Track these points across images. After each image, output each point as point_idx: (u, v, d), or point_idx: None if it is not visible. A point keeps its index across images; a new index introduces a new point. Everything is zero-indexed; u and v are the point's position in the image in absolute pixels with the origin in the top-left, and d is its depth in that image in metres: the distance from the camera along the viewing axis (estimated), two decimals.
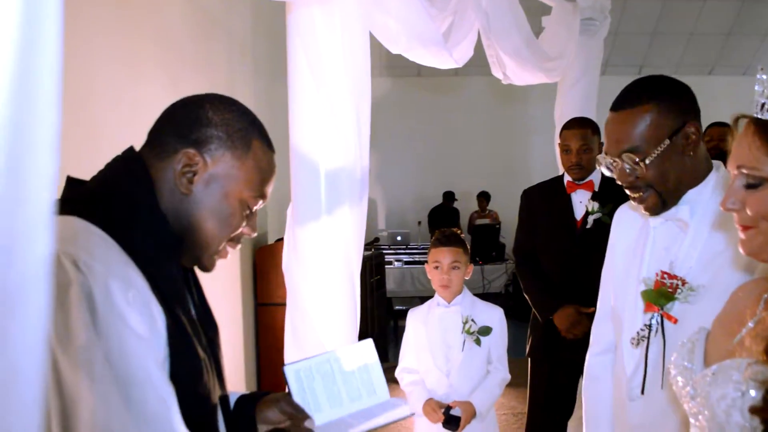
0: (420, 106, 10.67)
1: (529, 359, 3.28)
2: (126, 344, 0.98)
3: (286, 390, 1.48)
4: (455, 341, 2.62)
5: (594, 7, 3.92)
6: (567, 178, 3.11)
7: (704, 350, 1.22)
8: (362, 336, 2.01)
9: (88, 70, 2.48)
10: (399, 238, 8.70)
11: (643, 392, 1.61)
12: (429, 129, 10.78)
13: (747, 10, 9.53)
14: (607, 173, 1.65)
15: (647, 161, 1.54)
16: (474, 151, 10.65)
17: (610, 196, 2.81)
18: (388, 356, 6.00)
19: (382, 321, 6.09)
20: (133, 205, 1.14)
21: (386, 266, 7.85)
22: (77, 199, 1.12)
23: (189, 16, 3.71)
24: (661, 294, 1.55)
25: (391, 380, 2.71)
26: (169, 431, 1.00)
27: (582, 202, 3.03)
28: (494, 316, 2.69)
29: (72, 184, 1.17)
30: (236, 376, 4.04)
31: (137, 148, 1.23)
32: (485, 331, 2.61)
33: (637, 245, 1.71)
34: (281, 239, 2.66)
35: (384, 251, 8.19)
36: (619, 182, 1.64)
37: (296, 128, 2.36)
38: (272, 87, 4.99)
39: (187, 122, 1.18)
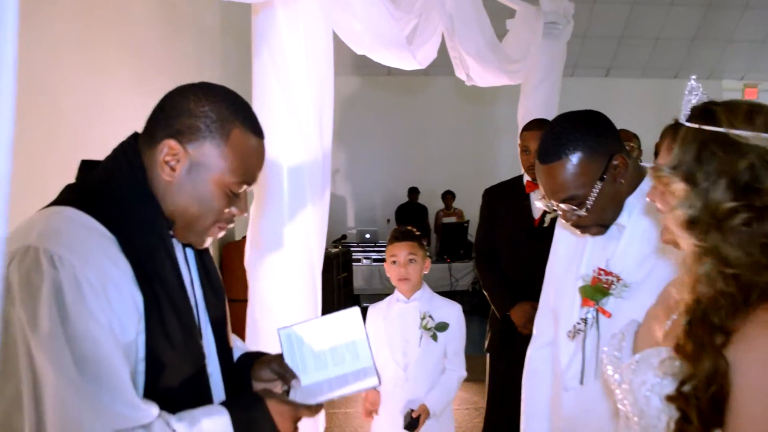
0: (390, 105, 10.75)
1: (488, 354, 3.36)
2: (87, 330, 1.09)
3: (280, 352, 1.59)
4: (413, 336, 2.68)
5: (557, 11, 4.01)
6: (526, 178, 3.19)
7: (633, 341, 1.30)
8: None
9: (51, 65, 2.49)
10: (368, 235, 8.77)
11: (582, 382, 1.69)
12: (399, 128, 10.86)
13: (711, 16, 9.76)
14: (552, 211, 1.72)
15: (587, 205, 1.61)
16: (442, 149, 10.76)
17: None
18: None
19: None
20: (127, 191, 1.26)
21: (354, 264, 7.92)
22: (78, 186, 1.30)
23: (156, 13, 3.72)
24: (597, 290, 1.63)
25: None
26: (126, 402, 1.11)
27: None
28: (452, 312, 2.75)
29: (84, 167, 1.34)
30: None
31: (117, 142, 1.35)
32: (442, 326, 2.67)
33: (578, 243, 1.80)
34: None
35: (352, 249, 8.24)
36: (562, 220, 1.72)
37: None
38: (242, 85, 4.97)
39: (172, 113, 1.29)
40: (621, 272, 1.64)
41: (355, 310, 1.62)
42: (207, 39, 4.75)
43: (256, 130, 1.36)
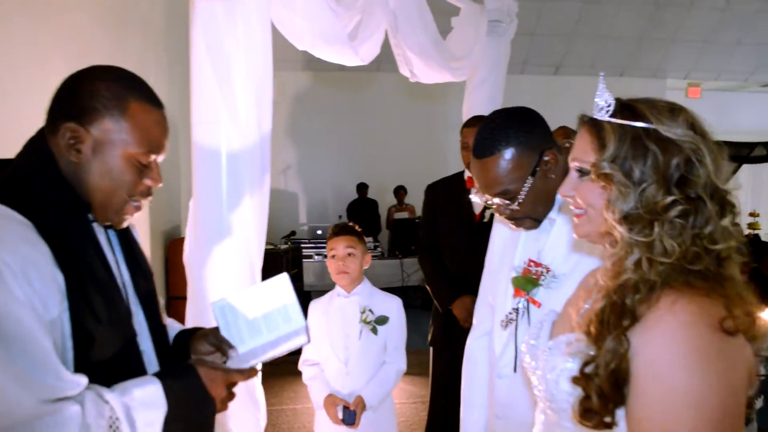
0: (341, 100, 10.71)
1: (431, 348, 3.41)
2: (9, 309, 1.12)
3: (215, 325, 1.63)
4: (353, 330, 2.70)
5: (501, 10, 4.06)
6: (467, 173, 3.24)
7: (551, 329, 1.34)
8: None
9: None
10: (319, 231, 8.74)
11: (516, 370, 1.74)
12: (350, 123, 10.84)
13: (657, 16, 10.00)
14: (486, 205, 1.78)
15: (519, 199, 1.67)
16: (394, 145, 10.78)
17: None
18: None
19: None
20: (38, 179, 1.30)
21: (306, 260, 7.89)
22: None
23: (99, 6, 3.65)
24: (528, 280, 1.69)
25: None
26: (51, 373, 1.14)
27: None
28: (392, 306, 2.78)
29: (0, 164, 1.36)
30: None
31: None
32: (382, 320, 2.70)
33: (513, 236, 1.85)
34: None
35: (304, 245, 8.21)
36: (496, 213, 1.76)
37: (199, 123, 2.38)
38: (188, 80, 4.93)
39: (68, 98, 1.34)
40: (551, 264, 1.69)
41: (284, 276, 1.66)
42: (152, 34, 4.68)
43: (153, 101, 1.41)
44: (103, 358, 1.30)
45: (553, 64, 10.85)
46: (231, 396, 1.46)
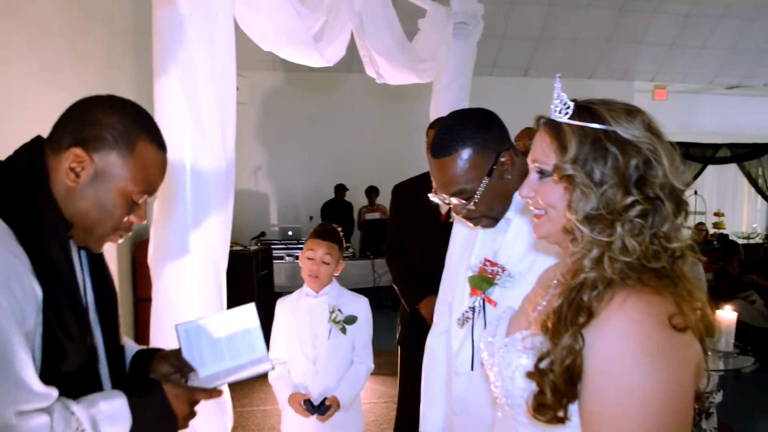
0: (313, 101, 10.68)
1: (399, 347, 3.43)
2: None
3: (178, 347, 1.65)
4: (322, 330, 2.72)
5: (467, 12, 4.10)
6: None
7: (508, 326, 1.37)
8: None
9: None
10: (290, 233, 8.73)
11: (473, 368, 1.76)
12: (322, 124, 10.81)
13: (623, 19, 10.16)
14: (444, 204, 1.79)
15: (475, 199, 1.69)
16: (366, 146, 10.79)
17: None
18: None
19: (270, 315, 6.12)
20: (26, 190, 1.30)
21: (277, 261, 7.86)
22: None
23: (65, 5, 3.60)
24: (484, 279, 1.71)
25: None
26: (29, 385, 1.15)
27: None
28: (360, 306, 2.80)
29: None
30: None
31: (22, 134, 1.39)
32: (351, 320, 2.72)
33: (471, 235, 1.88)
34: None
35: (275, 246, 8.19)
36: (453, 212, 1.78)
37: (162, 123, 2.36)
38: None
39: (80, 122, 1.35)
40: (507, 263, 1.72)
41: (251, 306, 1.70)
42: (119, 34, 4.63)
43: (160, 144, 1.43)
44: (68, 375, 1.30)
45: (522, 66, 10.95)
46: (192, 414, 1.47)
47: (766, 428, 5.33)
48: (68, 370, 1.30)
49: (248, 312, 1.69)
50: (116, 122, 1.35)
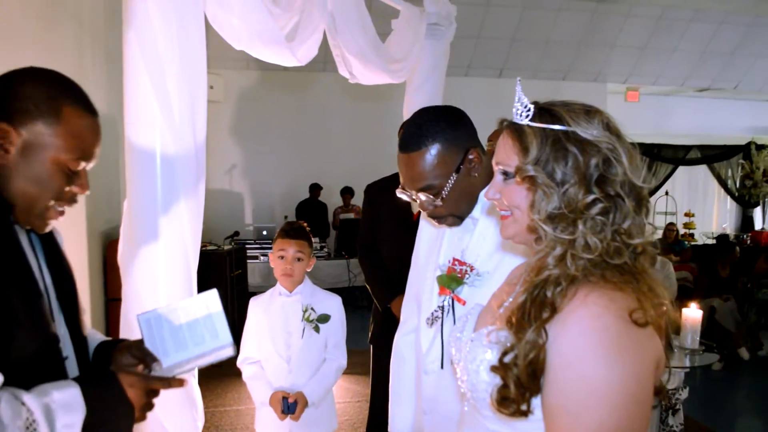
0: (288, 100, 10.65)
1: (371, 346, 3.44)
2: None
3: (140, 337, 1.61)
4: (295, 329, 2.73)
5: (440, 13, 4.12)
6: None
7: (476, 322, 1.39)
8: None
9: None
10: (265, 232, 8.69)
11: (442, 367, 1.78)
12: (297, 123, 10.78)
13: (596, 22, 10.30)
14: (411, 201, 1.81)
15: (443, 194, 1.71)
16: (342, 145, 10.79)
17: None
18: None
19: (244, 314, 6.12)
20: None
21: (251, 261, 7.84)
22: None
23: (33, 2, 3.56)
24: (452, 279, 1.73)
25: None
26: None
27: None
28: (333, 304, 2.82)
29: None
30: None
31: None
32: (324, 318, 2.73)
33: (438, 234, 1.89)
34: None
35: (249, 246, 8.16)
36: (419, 209, 1.79)
37: (131, 122, 2.35)
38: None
39: (0, 97, 1.31)
40: (474, 262, 1.74)
41: (213, 292, 1.66)
42: (89, 29, 4.58)
43: (88, 107, 1.39)
44: (21, 361, 1.27)
45: (497, 67, 11.03)
46: (150, 405, 1.43)
47: (732, 424, 5.44)
48: (22, 358, 1.27)
49: (210, 298, 1.64)
50: (37, 91, 1.31)
